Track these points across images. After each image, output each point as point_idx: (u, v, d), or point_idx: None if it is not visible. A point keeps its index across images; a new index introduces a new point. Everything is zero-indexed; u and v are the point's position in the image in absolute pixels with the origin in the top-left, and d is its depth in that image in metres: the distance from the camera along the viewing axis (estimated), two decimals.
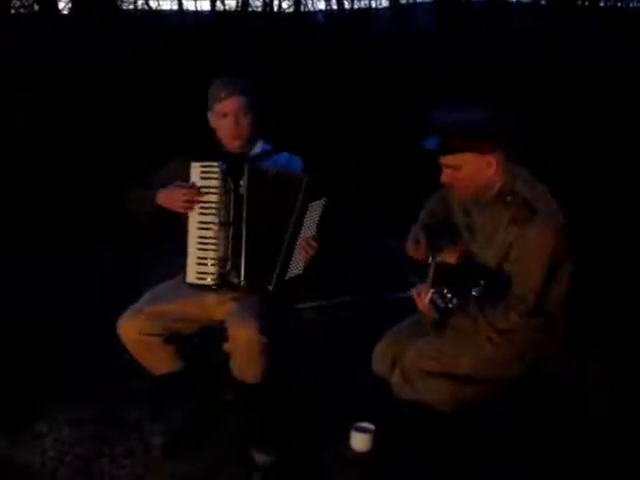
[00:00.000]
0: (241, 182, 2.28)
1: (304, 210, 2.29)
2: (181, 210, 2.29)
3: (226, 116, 2.31)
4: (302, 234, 2.30)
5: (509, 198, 2.01)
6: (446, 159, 2.02)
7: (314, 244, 2.29)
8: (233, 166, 2.29)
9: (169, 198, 2.28)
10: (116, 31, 6.28)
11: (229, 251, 2.30)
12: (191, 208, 2.29)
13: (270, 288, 2.28)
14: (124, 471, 2.28)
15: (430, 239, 2.22)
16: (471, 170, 2.00)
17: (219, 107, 2.32)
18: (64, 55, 5.89)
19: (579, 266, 2.10)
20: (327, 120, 5.51)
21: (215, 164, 2.28)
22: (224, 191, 2.28)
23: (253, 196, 2.28)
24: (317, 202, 2.31)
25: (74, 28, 6.38)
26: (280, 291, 2.29)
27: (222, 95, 2.30)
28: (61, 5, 6.80)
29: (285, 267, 2.29)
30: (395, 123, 5.18)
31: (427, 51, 6.70)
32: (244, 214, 2.28)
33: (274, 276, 2.28)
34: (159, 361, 2.35)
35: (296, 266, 2.31)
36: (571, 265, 2.06)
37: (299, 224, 2.29)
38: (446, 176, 2.06)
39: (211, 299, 2.36)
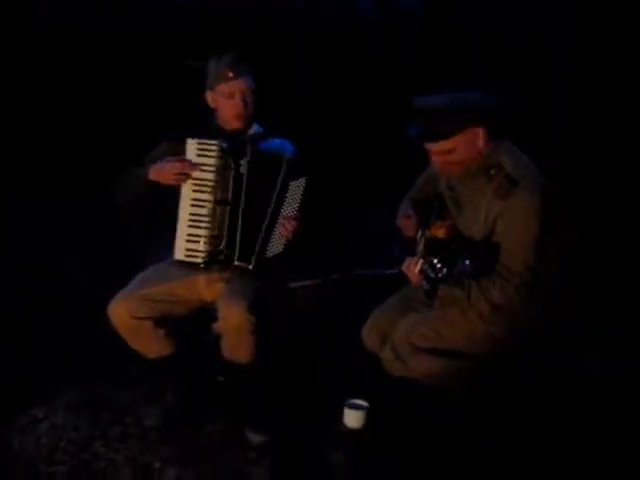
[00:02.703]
0: (242, 161, 2.27)
1: (285, 189, 2.28)
2: (173, 182, 2.27)
3: (232, 97, 2.30)
4: (282, 213, 2.29)
5: (492, 171, 2.00)
6: (438, 145, 2.00)
7: (293, 223, 2.28)
8: (235, 145, 2.28)
9: (160, 171, 2.27)
10: (105, 18, 6.22)
11: (224, 229, 2.29)
12: (183, 180, 2.28)
13: (250, 267, 2.28)
14: (119, 454, 2.28)
15: (419, 215, 2.22)
16: (462, 149, 1.99)
17: (225, 87, 2.29)
18: (50, 40, 5.86)
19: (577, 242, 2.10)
20: (314, 101, 5.47)
21: (214, 142, 2.27)
22: (222, 169, 2.27)
23: (252, 176, 2.28)
24: (298, 181, 2.29)
25: (61, 11, 6.32)
26: (260, 269, 2.29)
27: (230, 75, 2.28)
28: None
29: (264, 246, 2.29)
30: (382, 105, 5.14)
31: (413, 31, 6.62)
32: (243, 193, 2.28)
33: (255, 254, 2.28)
34: (150, 344, 2.36)
35: (276, 245, 2.30)
36: (562, 244, 2.06)
37: (280, 203, 2.28)
38: (438, 163, 2.05)
39: (201, 280, 2.36)
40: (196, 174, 2.28)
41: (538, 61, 5.21)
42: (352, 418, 2.13)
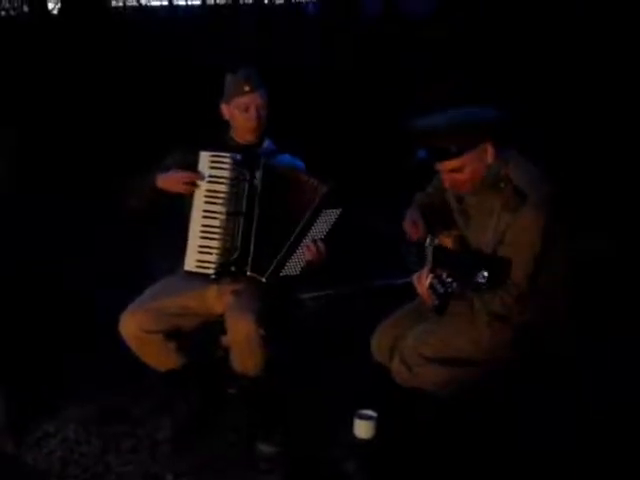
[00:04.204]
0: (256, 174, 2.30)
1: (317, 214, 2.29)
2: (181, 190, 2.30)
3: (247, 110, 2.33)
4: (309, 236, 2.30)
5: (502, 184, 2.01)
6: (446, 164, 2.01)
7: (317, 248, 2.28)
8: (248, 158, 2.31)
9: (169, 179, 2.30)
10: (107, 29, 6.26)
11: (238, 241, 2.31)
12: (192, 190, 2.30)
13: (263, 280, 2.30)
14: (130, 467, 2.30)
15: (426, 221, 2.23)
16: (472, 166, 2.00)
17: (241, 100, 2.32)
18: (56, 55, 5.90)
19: (579, 244, 2.11)
20: (321, 111, 5.51)
21: (227, 155, 2.30)
22: (235, 182, 2.30)
23: (267, 189, 2.30)
24: (333, 210, 2.30)
25: (65, 28, 6.38)
26: (273, 283, 2.31)
27: (246, 89, 2.31)
28: (50, 6, 6.77)
29: (282, 263, 2.30)
30: (386, 109, 5.17)
31: (420, 36, 6.65)
32: (256, 205, 2.30)
33: (269, 270, 2.29)
34: (161, 357, 2.36)
35: (294, 265, 2.31)
36: (568, 247, 2.07)
37: (308, 226, 2.30)
38: (449, 181, 2.06)
39: (211, 292, 2.37)
40: (208, 186, 2.30)
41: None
42: (362, 428, 2.14)
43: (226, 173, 2.29)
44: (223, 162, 2.29)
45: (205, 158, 2.30)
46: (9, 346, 2.87)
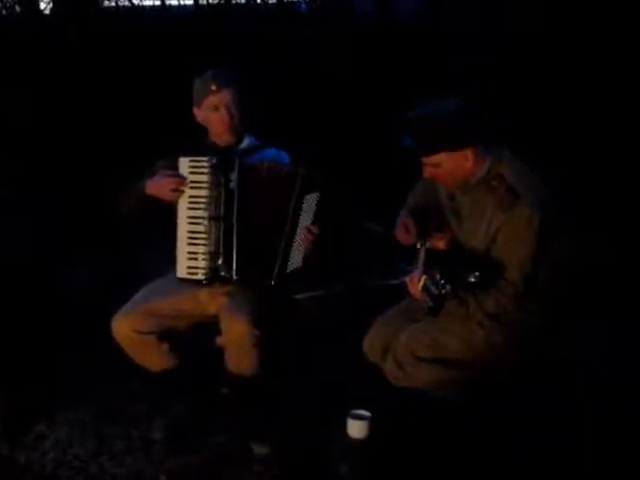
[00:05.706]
0: (231, 176, 2.28)
1: (300, 203, 2.29)
2: (168, 198, 2.28)
3: (217, 109, 2.31)
4: (299, 227, 2.30)
5: (494, 183, 2.01)
6: (426, 159, 2.04)
7: (314, 232, 2.29)
8: (223, 160, 2.29)
9: (156, 186, 2.28)
10: (99, 28, 6.24)
11: (220, 245, 2.30)
12: (178, 197, 2.28)
13: (272, 283, 2.29)
14: (124, 468, 2.29)
15: (419, 225, 2.23)
16: (450, 167, 2.02)
17: (210, 100, 2.30)
18: (49, 55, 5.88)
19: (577, 246, 2.12)
20: (312, 110, 5.49)
21: (204, 159, 2.27)
22: (214, 186, 2.28)
23: (244, 190, 2.28)
24: (312, 195, 2.30)
25: (56, 28, 6.36)
26: (280, 284, 2.31)
27: (213, 88, 2.29)
28: (42, 6, 6.74)
29: (285, 261, 2.30)
30: (379, 109, 5.17)
31: (415, 36, 6.64)
32: (235, 208, 2.28)
33: (275, 270, 2.28)
34: (154, 358, 2.37)
35: (296, 259, 2.31)
36: (563, 247, 2.08)
37: (296, 217, 2.29)
38: (428, 173, 2.09)
39: (204, 294, 2.37)
40: (190, 192, 2.28)
41: None
42: (355, 428, 2.14)
43: (205, 177, 2.27)
44: (201, 166, 2.27)
45: (184, 164, 2.29)
46: (3, 347, 2.87)
